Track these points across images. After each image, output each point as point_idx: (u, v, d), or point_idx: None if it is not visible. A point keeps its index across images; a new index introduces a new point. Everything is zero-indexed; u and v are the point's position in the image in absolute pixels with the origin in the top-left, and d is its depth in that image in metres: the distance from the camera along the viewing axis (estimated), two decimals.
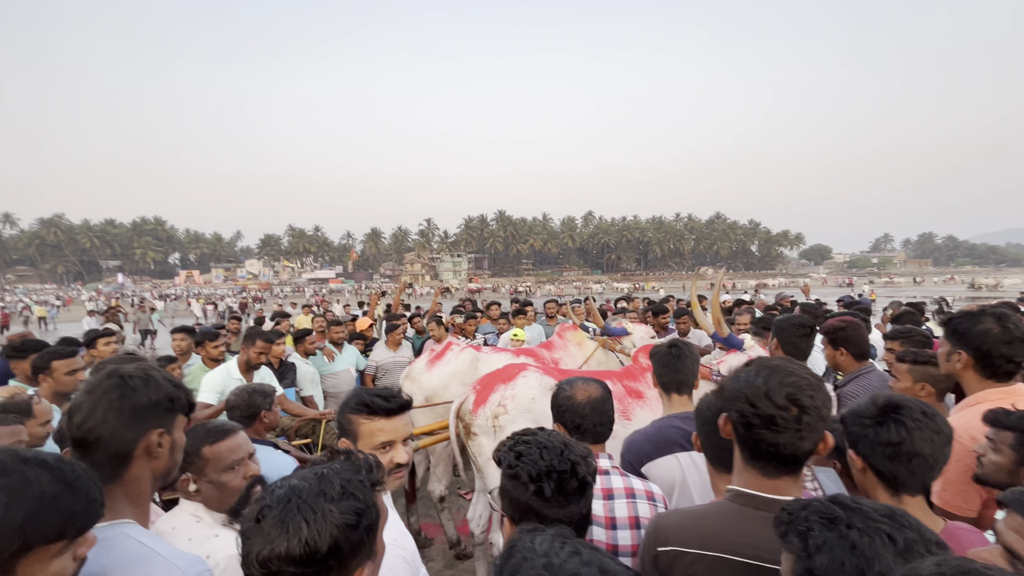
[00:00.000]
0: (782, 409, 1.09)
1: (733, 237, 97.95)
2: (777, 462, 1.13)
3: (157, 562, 1.00)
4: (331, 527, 0.79)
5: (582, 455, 1.10)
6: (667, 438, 1.86)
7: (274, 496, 0.82)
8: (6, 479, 0.74)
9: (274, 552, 0.76)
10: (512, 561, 0.70)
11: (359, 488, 0.85)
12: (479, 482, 3.29)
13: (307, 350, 4.75)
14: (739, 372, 1.21)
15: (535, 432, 1.16)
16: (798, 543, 0.78)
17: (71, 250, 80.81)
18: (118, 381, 1.09)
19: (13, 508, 0.72)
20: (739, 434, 1.16)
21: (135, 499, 1.10)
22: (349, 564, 0.82)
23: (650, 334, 4.26)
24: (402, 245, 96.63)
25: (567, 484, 1.05)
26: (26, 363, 3.12)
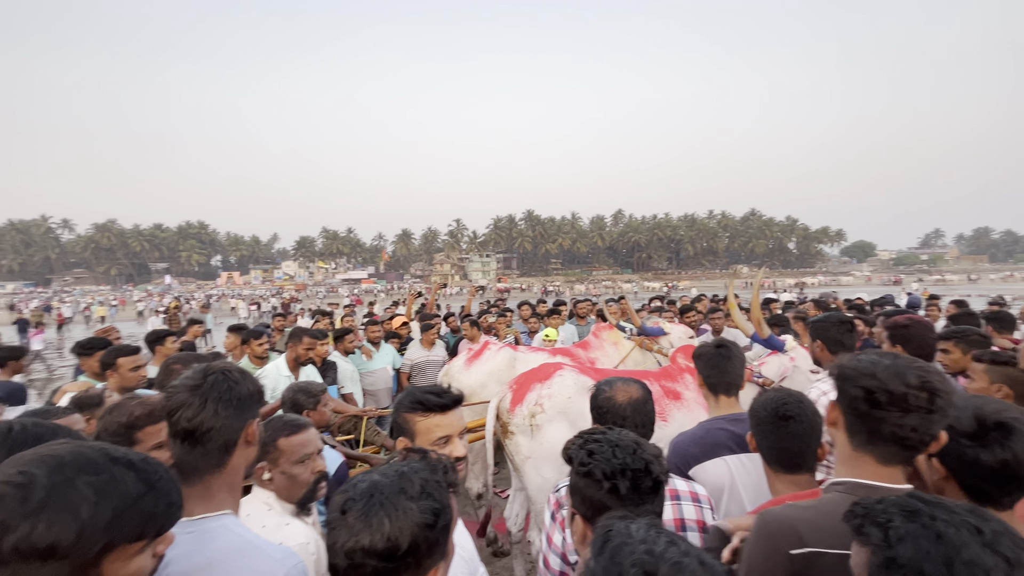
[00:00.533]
0: (915, 389, 1.06)
1: (769, 234, 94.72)
2: (898, 446, 1.09)
3: (256, 555, 1.05)
4: (411, 525, 0.81)
5: (655, 454, 1.11)
6: (715, 440, 1.83)
7: (357, 490, 0.85)
8: (96, 478, 0.76)
9: (358, 544, 0.79)
10: (611, 544, 0.70)
11: (436, 488, 0.87)
12: (516, 480, 3.32)
13: (346, 348, 4.89)
14: (856, 356, 1.17)
15: (604, 430, 1.17)
16: (878, 533, 0.77)
17: (123, 253, 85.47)
18: (222, 376, 1.14)
19: (101, 507, 0.74)
20: (858, 414, 1.12)
21: (232, 488, 1.16)
22: (425, 563, 0.85)
23: (688, 334, 4.20)
24: (432, 246, 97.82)
25: (642, 483, 1.06)
26: (93, 360, 3.35)
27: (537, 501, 2.94)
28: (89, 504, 0.73)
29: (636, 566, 0.64)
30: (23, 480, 0.72)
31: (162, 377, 2.47)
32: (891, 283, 48.90)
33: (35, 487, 0.72)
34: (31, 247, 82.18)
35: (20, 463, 0.75)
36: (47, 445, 0.80)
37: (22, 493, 0.71)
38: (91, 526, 0.72)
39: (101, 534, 0.73)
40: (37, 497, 0.71)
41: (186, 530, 1.06)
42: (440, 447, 1.35)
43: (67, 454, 0.77)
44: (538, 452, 2.96)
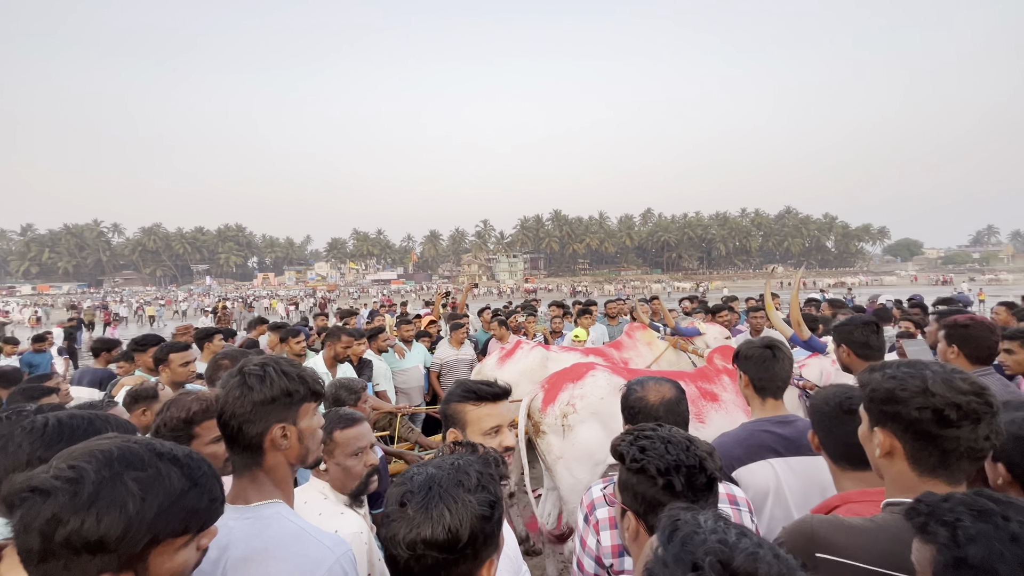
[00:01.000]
0: (971, 394, 1.01)
1: (806, 232, 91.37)
2: (970, 460, 1.03)
3: (309, 541, 1.08)
4: (470, 517, 0.82)
5: (708, 451, 1.10)
6: (759, 443, 1.78)
7: (414, 482, 0.86)
8: (142, 474, 0.78)
9: (419, 536, 0.80)
10: (681, 533, 0.69)
11: (491, 481, 0.89)
12: (547, 480, 3.32)
13: (380, 347, 4.99)
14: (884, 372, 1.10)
15: (655, 427, 1.17)
16: (945, 533, 0.75)
17: (167, 255, 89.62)
18: (240, 379, 1.16)
19: (147, 503, 0.76)
20: (927, 437, 1.03)
21: (280, 481, 1.18)
22: (482, 554, 0.86)
23: (724, 335, 4.11)
24: (459, 246, 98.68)
25: (696, 479, 1.05)
26: (147, 355, 3.54)
27: (569, 501, 2.94)
28: (136, 499, 0.75)
29: (711, 555, 0.63)
30: (73, 475, 0.74)
31: (211, 372, 2.59)
32: (939, 283, 46.48)
33: (85, 482, 0.73)
34: (84, 250, 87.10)
35: (70, 457, 0.77)
36: (97, 439, 0.82)
37: (72, 488, 0.73)
38: (137, 521, 0.74)
39: (147, 529, 0.75)
40: (87, 492, 0.73)
41: (244, 516, 1.12)
42: (491, 436, 1.37)
43: (115, 449, 0.79)
44: (570, 452, 2.95)
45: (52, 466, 0.76)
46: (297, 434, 1.18)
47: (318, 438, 1.23)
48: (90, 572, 0.73)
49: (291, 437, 1.17)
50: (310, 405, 1.21)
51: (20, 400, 2.52)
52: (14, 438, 1.17)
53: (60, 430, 1.21)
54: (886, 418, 1.08)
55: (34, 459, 1.11)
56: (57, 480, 0.73)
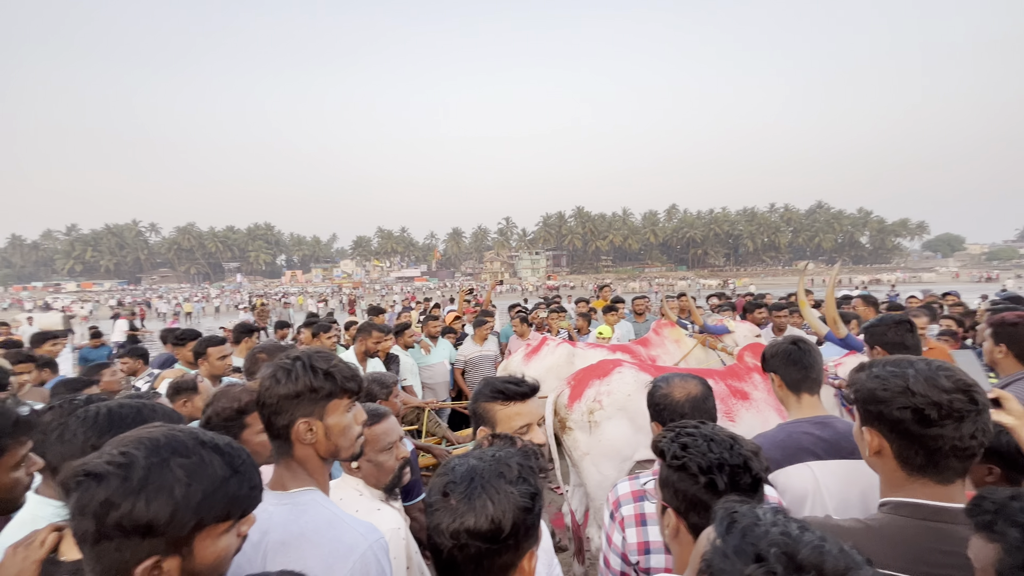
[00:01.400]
0: (954, 392, 1.01)
1: (838, 228, 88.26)
2: (958, 459, 1.02)
3: (343, 527, 1.12)
4: (512, 508, 0.84)
5: (753, 451, 1.07)
6: (797, 445, 1.72)
7: (456, 473, 0.88)
8: (188, 460, 0.81)
9: (463, 526, 0.82)
10: (740, 525, 0.67)
11: (531, 473, 0.90)
12: (574, 477, 3.32)
13: (406, 343, 5.07)
14: (870, 371, 1.12)
15: (697, 424, 1.15)
16: (1017, 535, 0.73)
17: (200, 254, 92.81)
18: (271, 371, 1.19)
19: (192, 489, 0.79)
20: (911, 437, 1.04)
21: (314, 471, 1.21)
22: (523, 545, 0.87)
23: (755, 332, 4.02)
24: (482, 244, 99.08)
25: (741, 479, 1.03)
26: (186, 349, 3.68)
27: (596, 497, 2.93)
28: (182, 485, 0.78)
29: (776, 547, 0.61)
30: (124, 460, 0.77)
31: (249, 365, 2.68)
32: (983, 280, 44.34)
33: (135, 467, 0.76)
34: (124, 248, 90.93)
35: (121, 444, 0.80)
36: (145, 427, 0.86)
37: (124, 473, 0.76)
38: (184, 506, 0.77)
39: (192, 514, 0.78)
40: (137, 477, 0.76)
41: (282, 502, 1.15)
42: (520, 435, 1.37)
43: (162, 437, 0.82)
44: (596, 448, 2.94)
45: (104, 452, 0.79)
46: (324, 430, 1.18)
47: (351, 435, 1.23)
48: (140, 554, 0.76)
49: (317, 432, 1.17)
50: (340, 402, 1.21)
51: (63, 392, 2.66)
52: (69, 427, 1.23)
53: (111, 419, 1.26)
54: (872, 417, 1.10)
55: (88, 447, 1.16)
56: (109, 465, 0.76)
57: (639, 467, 2.99)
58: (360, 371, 1.30)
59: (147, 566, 0.76)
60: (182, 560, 0.79)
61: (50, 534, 1.08)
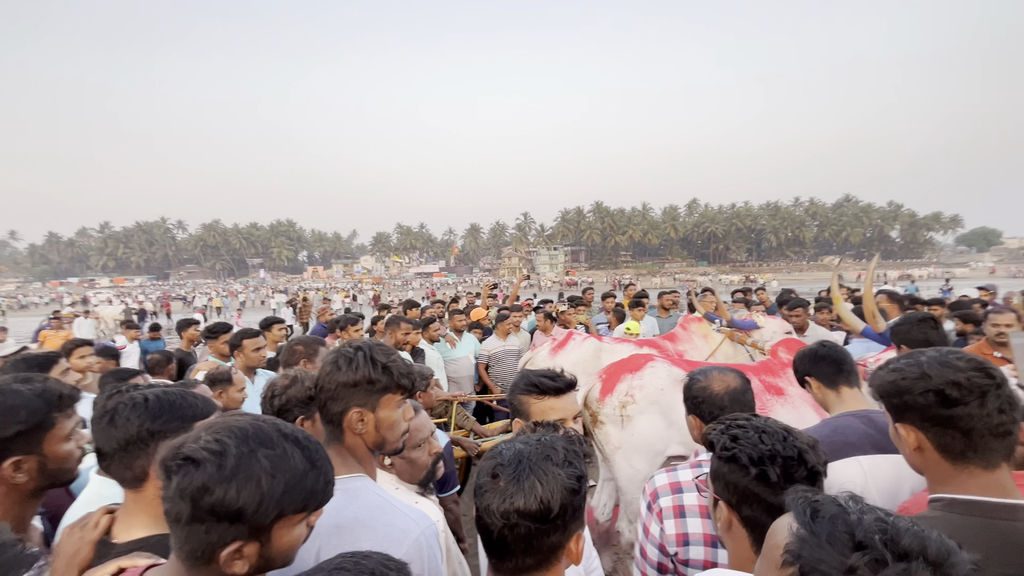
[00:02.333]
0: (971, 370, 1.02)
1: (867, 222, 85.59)
2: (996, 439, 1.02)
3: (395, 513, 1.13)
4: (560, 489, 0.85)
5: (809, 444, 1.05)
6: (844, 439, 1.67)
7: (504, 456, 0.90)
8: (272, 452, 0.83)
9: (513, 506, 0.84)
10: (827, 511, 0.65)
11: (576, 457, 0.91)
12: (604, 471, 3.31)
13: (431, 336, 5.11)
14: (887, 368, 1.13)
15: (749, 416, 1.14)
16: None
17: (225, 250, 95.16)
18: (334, 358, 1.21)
19: (276, 480, 0.81)
20: (942, 422, 1.04)
21: (363, 459, 1.23)
22: (571, 527, 0.88)
23: (785, 328, 3.92)
24: (500, 239, 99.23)
25: (795, 471, 1.01)
26: (219, 342, 3.78)
27: (627, 491, 2.91)
28: (268, 476, 0.81)
29: (877, 533, 0.59)
30: (220, 448, 0.79)
31: (286, 356, 2.74)
32: (1021, 275, 42.52)
33: (228, 456, 0.79)
34: (153, 245, 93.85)
35: (213, 431, 0.83)
36: (231, 416, 0.88)
37: (219, 460, 0.78)
38: (269, 496, 0.80)
39: (275, 504, 0.81)
40: (230, 465, 0.79)
41: None
42: None
43: (249, 427, 0.84)
44: (628, 443, 2.92)
45: (199, 437, 0.82)
46: (374, 422, 1.20)
47: (398, 430, 1.24)
48: (226, 539, 0.79)
49: (367, 423, 1.19)
50: (393, 397, 1.22)
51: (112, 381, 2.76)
52: (120, 412, 1.28)
53: (160, 404, 1.29)
54: (902, 412, 1.09)
55: (143, 431, 1.20)
56: (206, 451, 0.79)
57: (673, 461, 2.97)
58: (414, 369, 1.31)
59: (232, 550, 0.79)
60: (260, 546, 0.82)
61: (103, 516, 1.12)
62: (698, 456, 1.60)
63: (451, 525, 2.12)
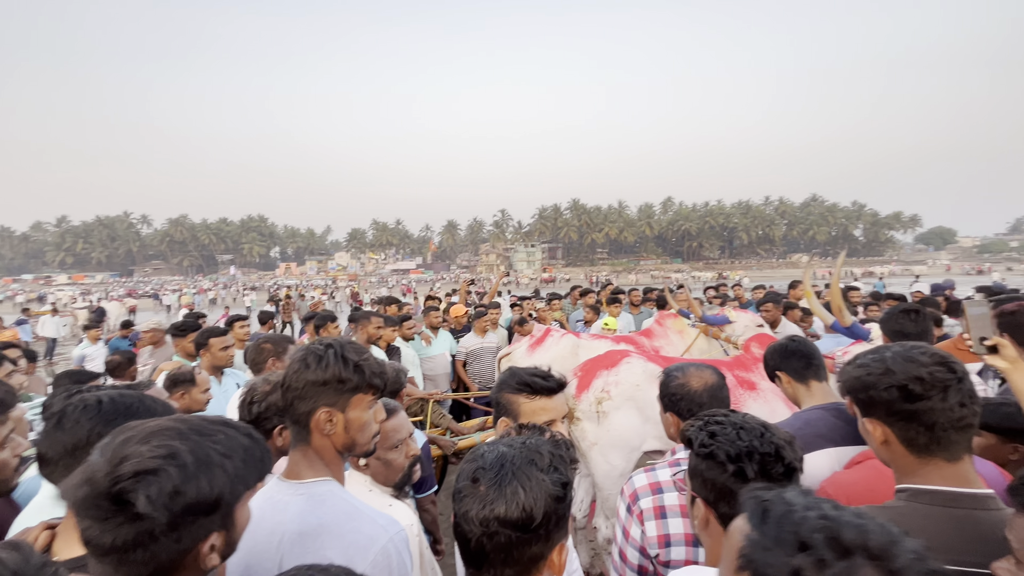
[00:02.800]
0: (933, 364, 1.04)
1: (832, 221, 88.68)
2: (959, 432, 1.05)
3: (362, 519, 1.09)
4: (544, 496, 0.81)
5: (786, 439, 1.05)
6: (815, 432, 1.70)
7: (486, 460, 0.86)
8: (215, 438, 0.83)
9: (493, 513, 0.80)
10: (775, 513, 0.65)
11: (562, 463, 0.87)
12: (582, 467, 3.32)
13: (405, 334, 5.03)
14: (853, 363, 1.15)
15: (727, 412, 1.13)
16: None
17: (193, 246, 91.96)
18: (303, 355, 1.16)
19: (235, 459, 0.82)
20: (906, 416, 1.06)
21: (331, 461, 1.18)
22: (553, 537, 0.84)
23: (757, 323, 4.01)
24: (477, 236, 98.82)
25: (772, 468, 1.01)
26: (186, 341, 3.63)
27: (604, 487, 2.93)
28: (227, 459, 0.81)
29: (819, 532, 0.59)
30: (169, 451, 0.77)
31: (253, 355, 2.64)
32: (974, 273, 44.76)
33: (182, 454, 0.77)
34: (116, 240, 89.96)
35: (145, 439, 0.79)
36: (144, 423, 0.84)
37: (176, 462, 0.76)
38: (236, 476, 0.81)
39: (243, 481, 0.83)
40: (189, 461, 0.77)
41: (298, 492, 1.12)
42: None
43: (180, 426, 0.82)
44: (605, 439, 2.94)
45: (139, 450, 0.77)
46: (344, 423, 1.16)
47: (369, 432, 1.21)
48: (201, 534, 0.78)
49: (337, 424, 1.15)
50: (365, 397, 1.19)
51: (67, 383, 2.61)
52: (69, 414, 1.18)
53: (115, 407, 1.23)
54: (868, 407, 1.12)
55: (94, 435, 1.12)
56: (157, 459, 0.76)
57: (647, 457, 2.99)
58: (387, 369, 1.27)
59: (210, 543, 0.79)
60: (227, 533, 0.82)
61: (43, 532, 1.05)
62: (676, 454, 1.60)
63: (428, 526, 2.08)
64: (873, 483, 1.31)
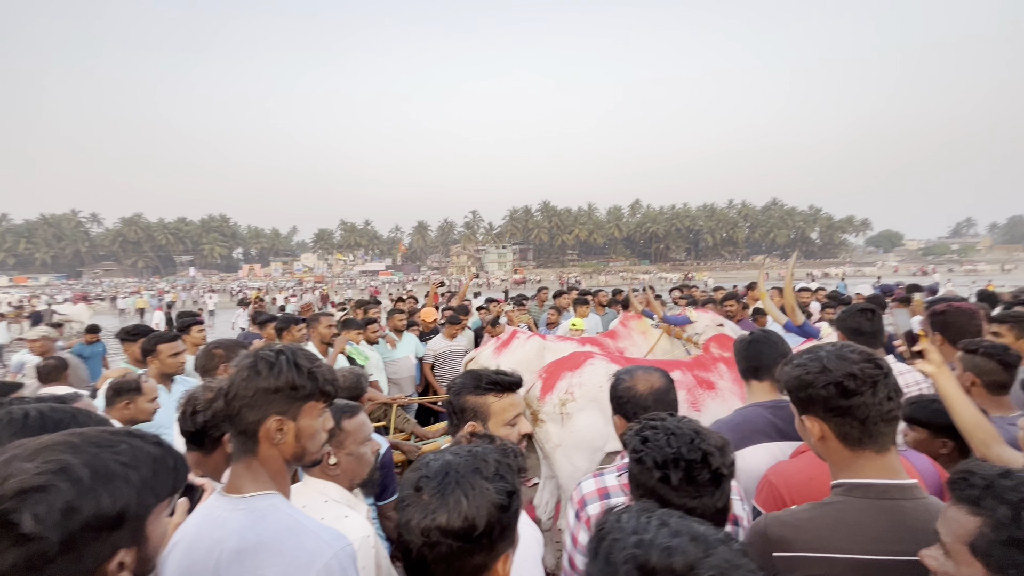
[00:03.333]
0: (863, 362, 1.10)
1: (791, 224, 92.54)
2: (887, 424, 1.11)
3: (305, 535, 1.04)
4: (488, 505, 0.79)
5: (717, 445, 1.06)
6: (752, 427, 1.79)
7: (431, 468, 0.84)
8: (117, 448, 0.78)
9: (434, 523, 0.78)
10: (604, 544, 0.67)
11: (509, 471, 0.86)
12: (545, 469, 3.32)
13: (369, 338, 4.92)
14: (791, 363, 1.20)
15: (665, 417, 1.14)
16: (1007, 512, 0.73)
17: (149, 246, 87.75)
18: (251, 362, 1.12)
19: (142, 470, 0.77)
20: (842, 411, 1.11)
21: (277, 473, 1.13)
22: (497, 547, 0.83)
23: (717, 322, 4.12)
24: (448, 237, 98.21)
25: (697, 474, 1.02)
26: (136, 346, 3.44)
27: (568, 489, 2.94)
28: (132, 469, 0.76)
29: (628, 562, 0.62)
30: (58, 466, 0.71)
31: (203, 361, 2.53)
32: (918, 274, 47.48)
33: (75, 468, 0.72)
34: (62, 240, 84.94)
35: (33, 456, 0.73)
36: (42, 438, 0.79)
37: (69, 476, 0.71)
38: (143, 487, 0.76)
39: (152, 493, 0.78)
40: (84, 475, 0.72)
41: (238, 507, 1.07)
42: (511, 427, 1.36)
43: (74, 439, 0.77)
44: (568, 440, 2.95)
45: (22, 468, 0.71)
46: (294, 431, 1.13)
47: (319, 440, 1.18)
48: (106, 552, 0.73)
49: (287, 432, 1.12)
50: (316, 404, 1.16)
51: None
52: None
53: (43, 421, 1.16)
54: (806, 405, 1.16)
55: None
56: (45, 475, 0.69)
57: (611, 459, 3.03)
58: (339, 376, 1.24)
59: (116, 563, 0.73)
60: (138, 549, 0.77)
61: None
62: (624, 458, 1.63)
63: (390, 533, 2.04)
64: (812, 471, 1.38)
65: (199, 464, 1.52)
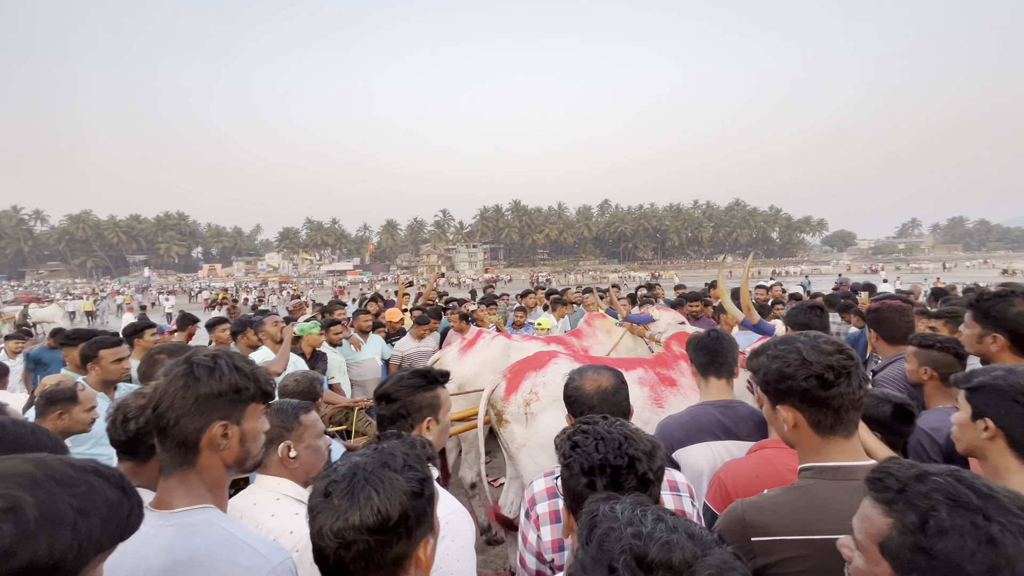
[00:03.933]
0: (836, 353, 1.14)
1: (753, 224, 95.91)
2: (856, 411, 1.15)
3: (241, 549, 1.00)
4: (399, 495, 0.81)
5: (645, 450, 1.06)
6: (699, 426, 1.82)
7: (338, 472, 0.84)
8: (76, 490, 0.74)
9: (348, 523, 0.78)
10: (598, 531, 0.66)
11: (417, 461, 0.88)
12: (511, 469, 3.31)
13: (332, 340, 4.80)
14: (766, 354, 1.21)
15: (597, 421, 1.14)
16: (915, 519, 0.72)
17: (99, 245, 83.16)
18: (186, 369, 1.08)
19: (92, 518, 0.73)
20: (818, 401, 1.14)
21: (211, 485, 1.10)
22: (415, 534, 0.84)
23: (679, 320, 4.20)
24: (418, 236, 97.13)
25: (624, 480, 1.02)
26: (76, 351, 3.24)
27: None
28: (81, 516, 0.72)
29: (625, 552, 0.61)
30: (10, 504, 0.68)
31: (146, 367, 2.39)
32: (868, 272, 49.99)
33: (25, 508, 0.68)
34: (2, 239, 79.50)
35: None
36: (7, 462, 0.75)
37: (15, 518, 0.67)
38: (87, 538, 0.72)
39: (94, 545, 0.73)
40: (31, 518, 0.68)
41: (167, 523, 1.02)
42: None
43: (36, 471, 0.73)
44: (533, 440, 2.95)
45: None
46: (239, 435, 1.10)
47: (260, 442, 1.17)
48: None
49: (232, 437, 1.09)
50: (258, 406, 1.15)
51: None
52: None
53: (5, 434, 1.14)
54: (783, 395, 1.18)
55: None
56: None
57: None
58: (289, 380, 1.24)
59: None
60: None
61: None
62: None
63: None
64: (758, 469, 1.43)
65: (134, 474, 1.45)
